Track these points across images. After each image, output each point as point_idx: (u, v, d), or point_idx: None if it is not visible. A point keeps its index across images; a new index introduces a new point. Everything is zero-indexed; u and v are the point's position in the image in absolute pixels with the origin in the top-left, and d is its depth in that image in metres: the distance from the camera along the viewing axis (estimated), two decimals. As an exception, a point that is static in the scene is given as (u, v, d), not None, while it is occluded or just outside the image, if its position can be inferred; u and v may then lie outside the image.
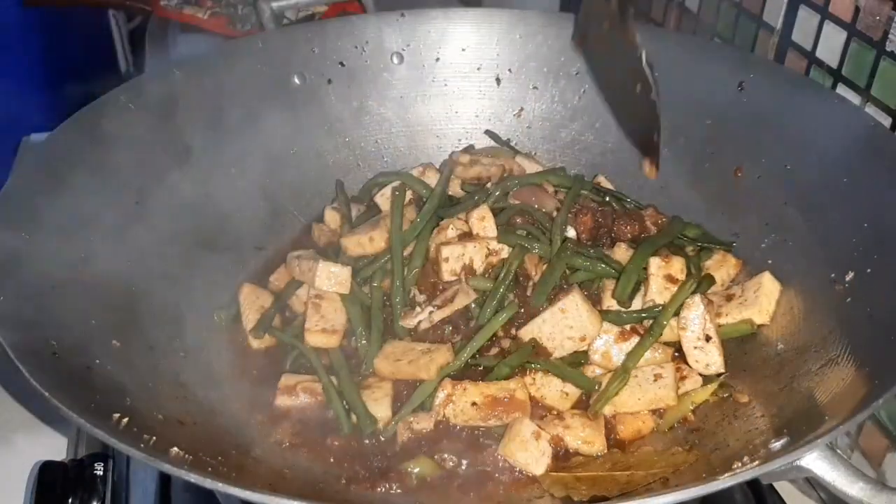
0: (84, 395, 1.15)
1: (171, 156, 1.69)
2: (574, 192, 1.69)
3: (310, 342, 1.54)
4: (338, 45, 1.92)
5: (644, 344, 1.43)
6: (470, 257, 1.56)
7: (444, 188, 1.74)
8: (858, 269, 1.37)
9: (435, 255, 1.58)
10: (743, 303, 1.51)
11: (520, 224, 1.63)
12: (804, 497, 1.57)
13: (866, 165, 1.45)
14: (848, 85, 1.64)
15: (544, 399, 1.43)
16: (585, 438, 1.37)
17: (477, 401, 1.38)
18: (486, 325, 1.47)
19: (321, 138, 1.92)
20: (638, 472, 1.28)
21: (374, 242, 1.67)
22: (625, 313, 1.48)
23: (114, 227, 1.52)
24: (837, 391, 1.23)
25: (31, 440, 1.66)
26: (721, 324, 1.50)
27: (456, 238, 1.59)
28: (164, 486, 1.47)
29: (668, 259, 1.51)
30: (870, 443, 1.58)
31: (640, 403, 1.41)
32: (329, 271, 1.58)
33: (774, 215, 1.60)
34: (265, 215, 1.82)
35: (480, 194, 1.70)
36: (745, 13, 1.95)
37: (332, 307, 1.58)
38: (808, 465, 1.06)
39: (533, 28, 1.95)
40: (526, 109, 1.98)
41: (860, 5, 1.57)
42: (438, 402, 1.39)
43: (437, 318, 1.51)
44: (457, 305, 1.51)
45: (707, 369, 1.44)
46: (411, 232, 1.64)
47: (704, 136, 1.75)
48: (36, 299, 1.29)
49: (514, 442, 1.33)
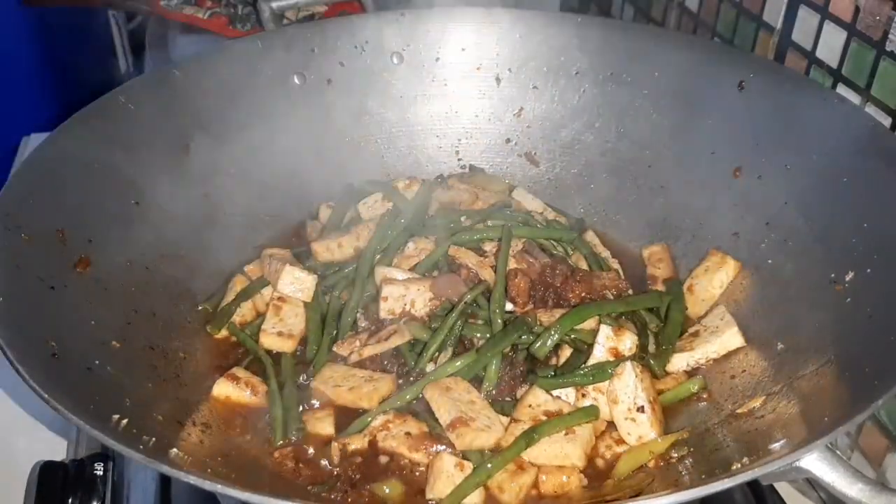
0: (83, 396, 1.15)
1: (170, 156, 1.69)
2: (504, 256, 1.57)
3: (264, 343, 1.54)
4: (338, 45, 1.92)
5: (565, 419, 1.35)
6: (412, 300, 1.52)
7: (418, 212, 1.72)
8: (858, 269, 1.37)
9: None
10: (714, 332, 1.51)
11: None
12: (804, 497, 1.56)
13: (866, 165, 1.45)
14: (848, 85, 1.64)
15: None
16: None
17: (412, 432, 1.35)
18: (440, 369, 1.42)
19: (321, 138, 1.92)
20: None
21: (343, 249, 1.68)
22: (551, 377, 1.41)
23: (113, 228, 1.52)
24: (837, 391, 1.23)
25: (31, 440, 1.66)
26: (661, 389, 1.45)
27: (402, 278, 1.55)
28: (164, 486, 1.47)
29: (620, 332, 1.42)
30: (870, 443, 1.58)
31: (544, 456, 1.31)
32: (294, 276, 1.59)
33: (774, 215, 1.60)
34: (265, 215, 1.82)
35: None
36: (745, 13, 1.95)
37: (293, 312, 1.58)
38: (808, 465, 1.06)
39: (533, 28, 1.95)
40: (526, 109, 1.98)
41: (860, 5, 1.56)
42: (375, 425, 1.37)
43: (366, 353, 1.47)
44: (390, 345, 1.47)
45: (639, 440, 1.36)
46: (373, 249, 1.63)
47: (704, 136, 1.75)
48: (36, 300, 1.29)
49: (440, 480, 1.27)
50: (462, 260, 1.58)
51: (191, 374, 1.47)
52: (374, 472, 1.33)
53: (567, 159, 1.95)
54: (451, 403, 1.35)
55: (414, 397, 1.40)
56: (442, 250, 1.61)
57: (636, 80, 1.86)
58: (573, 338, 1.45)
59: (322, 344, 1.53)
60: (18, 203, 1.39)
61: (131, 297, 1.48)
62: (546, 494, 1.31)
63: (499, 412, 1.38)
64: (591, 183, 1.92)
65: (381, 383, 1.44)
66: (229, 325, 1.59)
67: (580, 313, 1.46)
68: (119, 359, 1.34)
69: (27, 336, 1.20)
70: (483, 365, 1.43)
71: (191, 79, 1.76)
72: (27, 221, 1.37)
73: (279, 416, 1.40)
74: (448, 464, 1.29)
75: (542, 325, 1.46)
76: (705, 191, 1.74)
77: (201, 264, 1.67)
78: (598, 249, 1.75)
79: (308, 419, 1.41)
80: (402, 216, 1.70)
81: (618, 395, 1.38)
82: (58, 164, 1.50)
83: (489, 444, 1.33)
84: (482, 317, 1.50)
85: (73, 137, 1.56)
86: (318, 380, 1.46)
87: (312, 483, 1.31)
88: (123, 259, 1.51)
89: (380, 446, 1.35)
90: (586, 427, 1.35)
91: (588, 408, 1.38)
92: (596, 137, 1.92)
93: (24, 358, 1.13)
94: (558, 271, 1.56)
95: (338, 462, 1.34)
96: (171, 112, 1.71)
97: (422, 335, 1.47)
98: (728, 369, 1.48)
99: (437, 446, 1.33)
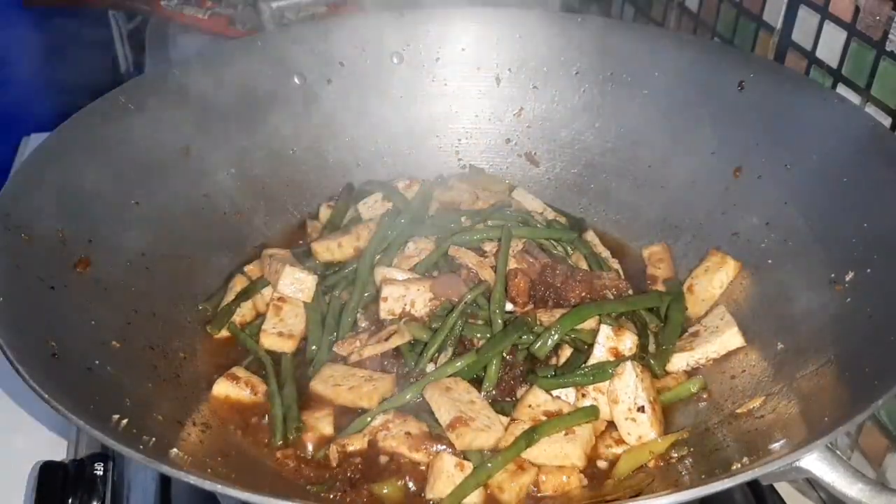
0: (83, 396, 1.15)
1: (170, 155, 1.69)
2: (504, 256, 1.57)
3: (264, 344, 1.54)
4: (338, 45, 1.92)
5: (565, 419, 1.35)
6: (412, 300, 1.51)
7: (418, 212, 1.72)
8: (858, 269, 1.37)
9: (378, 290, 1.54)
10: (714, 332, 1.51)
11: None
12: (804, 497, 1.56)
13: (866, 165, 1.45)
14: (848, 85, 1.64)
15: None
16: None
17: (412, 432, 1.35)
18: (440, 369, 1.42)
19: (321, 138, 1.92)
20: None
21: (343, 249, 1.67)
22: (552, 377, 1.41)
23: (113, 228, 1.52)
24: (837, 391, 1.23)
25: (31, 440, 1.66)
26: (662, 389, 1.45)
27: (402, 278, 1.55)
28: (164, 486, 1.47)
29: (620, 332, 1.42)
30: (870, 443, 1.58)
31: (544, 456, 1.32)
32: (294, 277, 1.59)
33: (774, 215, 1.60)
34: (265, 216, 1.82)
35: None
36: (745, 13, 1.95)
37: (293, 312, 1.58)
38: (808, 465, 1.06)
39: (533, 28, 1.95)
40: (526, 109, 1.98)
41: (860, 5, 1.56)
42: (375, 425, 1.37)
43: (366, 353, 1.47)
44: (390, 345, 1.47)
45: (639, 440, 1.36)
46: (374, 249, 1.63)
47: (704, 136, 1.75)
48: (36, 300, 1.29)
49: (440, 480, 1.27)
50: (462, 260, 1.58)
51: (191, 374, 1.47)
52: (374, 472, 1.33)
53: (567, 159, 1.95)
54: (450, 403, 1.35)
55: (414, 397, 1.40)
56: (442, 250, 1.61)
57: (636, 80, 1.86)
58: (573, 338, 1.45)
59: (322, 344, 1.53)
60: (18, 203, 1.40)
61: (131, 297, 1.48)
62: (546, 494, 1.31)
63: (499, 412, 1.38)
64: (591, 183, 1.92)
65: (381, 383, 1.43)
66: (229, 325, 1.59)
67: (580, 313, 1.46)
68: (119, 359, 1.34)
69: (27, 336, 1.20)
70: (483, 365, 1.43)
71: (191, 79, 1.76)
72: (27, 221, 1.37)
73: (279, 416, 1.40)
74: (448, 464, 1.29)
75: (542, 326, 1.46)
76: (705, 191, 1.74)
77: (201, 264, 1.67)
78: (598, 249, 1.74)
79: (308, 419, 1.41)
80: (402, 216, 1.70)
81: (618, 395, 1.38)
82: (58, 164, 1.51)
83: (489, 443, 1.33)
84: (482, 317, 1.50)
85: (74, 137, 1.56)
86: (317, 380, 1.46)
87: (312, 483, 1.31)
88: (123, 259, 1.51)
89: (380, 446, 1.35)
90: (586, 427, 1.35)
91: (588, 408, 1.38)
92: (596, 137, 1.92)
93: (24, 358, 1.13)
94: (558, 271, 1.56)
95: (338, 462, 1.34)
96: (171, 112, 1.71)
97: (422, 335, 1.47)
98: (728, 369, 1.48)
99: (437, 446, 1.33)
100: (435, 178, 1.90)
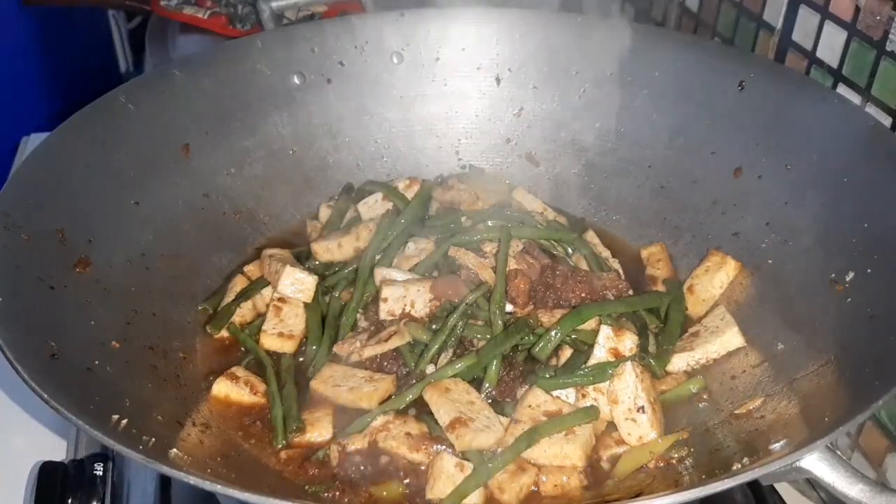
0: (83, 396, 1.15)
1: (170, 156, 1.69)
2: (504, 257, 1.56)
3: (264, 344, 1.54)
4: (338, 45, 1.92)
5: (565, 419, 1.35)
6: (412, 301, 1.51)
7: (418, 212, 1.72)
8: (858, 269, 1.37)
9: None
10: (714, 332, 1.51)
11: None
12: (804, 497, 1.57)
13: (866, 165, 1.45)
14: (848, 85, 1.64)
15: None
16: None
17: (412, 432, 1.35)
18: (441, 371, 1.42)
19: (321, 138, 1.92)
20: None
21: (343, 249, 1.67)
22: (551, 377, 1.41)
23: (113, 228, 1.52)
24: (837, 391, 1.23)
25: (31, 440, 1.66)
26: (662, 389, 1.45)
27: (402, 279, 1.55)
28: (163, 486, 1.47)
29: (620, 333, 1.42)
30: (870, 443, 1.58)
31: (544, 456, 1.31)
32: (294, 277, 1.58)
33: (774, 215, 1.59)
34: (265, 215, 1.82)
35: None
36: (745, 13, 1.95)
37: (293, 312, 1.58)
38: (808, 466, 1.06)
39: (533, 28, 1.95)
40: (526, 109, 1.98)
41: (860, 5, 1.56)
42: (375, 425, 1.36)
43: (366, 354, 1.47)
44: (390, 346, 1.46)
45: (640, 441, 1.36)
46: (374, 250, 1.63)
47: (704, 136, 1.75)
48: (36, 300, 1.29)
49: (440, 481, 1.27)
50: (462, 261, 1.58)
51: (191, 374, 1.47)
52: (374, 472, 1.32)
53: (567, 159, 1.95)
54: (450, 404, 1.35)
55: (414, 398, 1.40)
56: (442, 251, 1.61)
57: (636, 80, 1.85)
58: (573, 338, 1.45)
59: (322, 344, 1.53)
60: (18, 203, 1.39)
61: (131, 297, 1.48)
62: (546, 495, 1.31)
63: (499, 413, 1.38)
64: (591, 183, 1.92)
65: (381, 384, 1.43)
66: (229, 325, 1.59)
67: (581, 314, 1.46)
68: (119, 359, 1.34)
69: (27, 336, 1.19)
70: (483, 366, 1.43)
71: (191, 79, 1.76)
72: (27, 221, 1.37)
73: (279, 416, 1.40)
74: (448, 464, 1.29)
75: (542, 326, 1.46)
76: (705, 191, 1.74)
77: (201, 264, 1.67)
78: (598, 249, 1.74)
79: (308, 419, 1.41)
80: (403, 216, 1.70)
81: (618, 396, 1.37)
82: (58, 164, 1.50)
83: (489, 444, 1.33)
84: (482, 318, 1.50)
85: (74, 137, 1.56)
86: (317, 380, 1.46)
87: (312, 483, 1.31)
88: (123, 259, 1.51)
89: (380, 446, 1.35)
90: (586, 427, 1.35)
91: (588, 408, 1.38)
92: (596, 137, 1.92)
93: (24, 358, 1.13)
94: (558, 272, 1.55)
95: (337, 462, 1.34)
96: (171, 112, 1.71)
97: (422, 336, 1.47)
98: (728, 369, 1.48)
99: (437, 446, 1.33)
100: (435, 178, 1.90)
